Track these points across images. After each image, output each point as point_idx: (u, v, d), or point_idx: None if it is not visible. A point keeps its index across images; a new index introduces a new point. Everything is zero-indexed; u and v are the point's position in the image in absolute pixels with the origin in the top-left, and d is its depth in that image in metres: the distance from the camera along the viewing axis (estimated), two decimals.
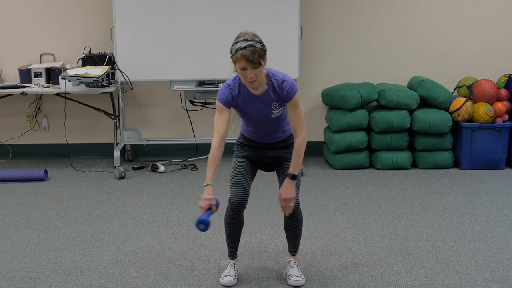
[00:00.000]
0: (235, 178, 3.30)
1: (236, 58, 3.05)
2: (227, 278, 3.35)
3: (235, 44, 3.08)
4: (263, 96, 3.17)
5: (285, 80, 3.16)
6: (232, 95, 3.17)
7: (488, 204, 4.68)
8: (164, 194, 4.97)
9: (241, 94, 3.18)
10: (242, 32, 3.13)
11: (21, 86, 5.48)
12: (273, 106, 3.20)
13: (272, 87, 3.16)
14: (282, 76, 3.17)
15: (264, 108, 3.20)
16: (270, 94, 3.17)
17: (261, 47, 3.05)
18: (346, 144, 5.59)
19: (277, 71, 3.21)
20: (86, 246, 3.90)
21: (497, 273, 3.48)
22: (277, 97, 3.17)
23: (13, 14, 5.89)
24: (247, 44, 3.03)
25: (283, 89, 3.15)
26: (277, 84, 3.15)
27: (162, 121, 6.11)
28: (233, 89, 3.18)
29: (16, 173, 5.36)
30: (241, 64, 3.03)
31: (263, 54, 3.06)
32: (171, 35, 5.49)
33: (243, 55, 3.01)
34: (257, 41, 3.07)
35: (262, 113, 3.22)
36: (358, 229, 4.17)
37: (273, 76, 3.17)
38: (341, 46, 6.02)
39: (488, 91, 5.59)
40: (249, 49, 3.01)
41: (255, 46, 3.03)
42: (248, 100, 3.19)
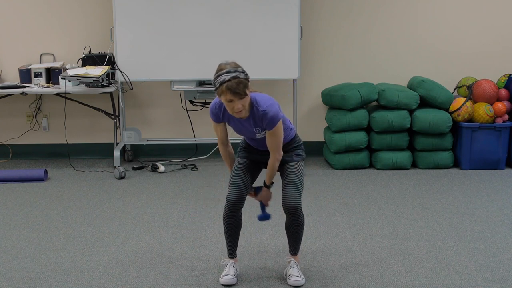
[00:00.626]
0: (233, 177, 3.33)
1: (221, 91, 3.01)
2: (226, 277, 3.35)
3: (218, 77, 3.02)
4: (246, 121, 3.20)
5: (266, 113, 3.11)
6: (218, 114, 3.23)
7: (488, 204, 4.68)
8: (164, 194, 4.97)
9: (226, 114, 3.22)
10: (222, 64, 3.07)
11: (21, 86, 5.48)
12: (255, 130, 3.23)
13: (253, 116, 3.16)
14: (264, 107, 3.12)
15: (249, 128, 3.24)
16: (251, 120, 3.19)
17: (244, 76, 3.03)
18: (346, 144, 5.59)
19: (262, 96, 3.17)
20: (86, 246, 3.90)
21: (497, 273, 3.48)
22: (258, 125, 3.20)
23: (13, 14, 5.89)
24: (231, 76, 2.99)
25: (263, 121, 3.16)
26: (258, 115, 3.14)
27: (162, 121, 6.12)
28: (219, 108, 3.22)
29: (16, 173, 5.36)
30: (227, 97, 3.01)
31: (247, 83, 3.05)
32: (171, 35, 5.49)
33: (228, 87, 2.98)
34: (240, 71, 3.03)
35: (248, 133, 3.28)
36: (358, 229, 4.17)
37: (256, 105, 3.13)
38: (341, 46, 6.02)
39: (488, 91, 5.59)
40: (233, 81, 2.98)
41: (239, 77, 3.00)
42: (233, 120, 3.24)
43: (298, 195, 3.25)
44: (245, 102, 3.05)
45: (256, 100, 3.14)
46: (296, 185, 3.26)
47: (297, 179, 3.28)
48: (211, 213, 4.46)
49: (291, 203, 3.24)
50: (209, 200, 4.79)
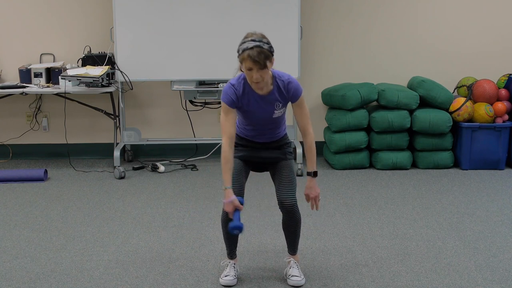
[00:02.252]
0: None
1: (242, 58, 3.05)
2: (227, 278, 3.35)
3: (242, 44, 3.07)
4: (268, 96, 3.18)
5: (291, 81, 3.18)
6: (237, 95, 3.17)
7: (488, 204, 4.68)
8: (164, 194, 4.97)
9: (246, 93, 3.18)
10: (250, 32, 3.11)
11: (21, 86, 5.48)
12: (276, 106, 3.21)
13: (277, 88, 3.18)
14: (287, 77, 3.19)
15: (267, 108, 3.21)
16: (275, 94, 3.18)
17: (268, 48, 3.05)
18: (346, 144, 5.59)
19: (282, 71, 3.23)
20: (86, 246, 3.90)
21: (497, 273, 3.48)
22: (282, 97, 3.19)
23: (13, 14, 5.89)
24: (254, 44, 3.02)
25: (288, 90, 3.17)
26: (283, 85, 3.17)
27: (162, 121, 6.12)
28: (237, 88, 3.17)
29: (16, 173, 5.36)
30: (247, 64, 3.03)
31: (270, 55, 3.06)
32: (171, 35, 5.49)
33: (250, 55, 3.00)
34: (265, 42, 3.06)
35: (264, 113, 3.23)
36: (358, 229, 4.17)
37: (279, 77, 3.18)
38: (341, 46, 6.02)
39: (488, 91, 5.59)
40: (256, 49, 3.01)
41: (262, 47, 3.02)
42: (252, 99, 3.19)
43: (293, 192, 3.26)
44: (264, 74, 3.05)
45: (277, 73, 3.19)
46: (291, 183, 3.27)
47: (291, 177, 3.30)
48: (211, 213, 4.46)
49: (288, 200, 3.24)
50: (209, 200, 4.79)
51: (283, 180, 3.28)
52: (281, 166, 3.33)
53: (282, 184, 3.27)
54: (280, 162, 3.35)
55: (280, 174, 3.31)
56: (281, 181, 3.28)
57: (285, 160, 3.35)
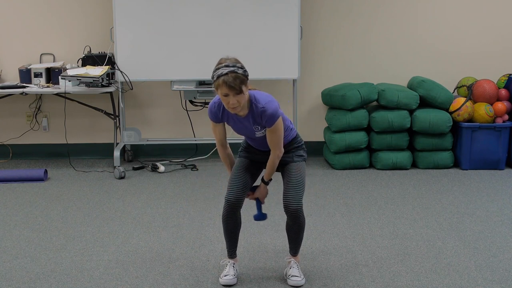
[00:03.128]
0: (232, 177, 3.32)
1: (217, 85, 3.03)
2: (226, 277, 3.35)
3: (217, 70, 3.05)
4: (245, 118, 3.20)
5: (265, 109, 3.12)
6: (218, 113, 3.23)
7: (488, 204, 4.68)
8: (164, 194, 4.97)
9: (226, 112, 3.21)
10: (223, 58, 3.10)
11: (21, 86, 5.48)
12: (255, 129, 3.22)
13: (252, 113, 3.17)
14: (263, 104, 3.13)
15: (248, 128, 3.24)
16: (250, 118, 3.18)
17: (242, 72, 3.04)
18: (346, 144, 5.59)
19: (261, 93, 3.19)
20: (86, 246, 3.90)
21: (497, 273, 3.48)
22: (257, 122, 3.19)
23: (13, 14, 5.89)
24: (229, 70, 3.01)
25: (262, 118, 3.16)
26: (257, 111, 3.15)
27: (162, 121, 6.12)
28: (218, 107, 3.22)
29: (16, 173, 5.36)
30: (222, 90, 3.02)
31: (245, 80, 3.04)
32: (171, 35, 5.49)
33: (225, 81, 2.99)
34: (239, 67, 3.04)
35: (247, 131, 3.27)
36: (358, 229, 4.17)
37: (256, 101, 3.14)
38: (341, 46, 6.02)
39: (488, 91, 5.59)
40: (230, 75, 2.99)
41: (236, 72, 3.01)
42: (232, 119, 3.23)
43: (299, 196, 3.25)
44: (240, 99, 3.04)
45: (255, 97, 3.15)
46: (297, 186, 3.26)
47: (299, 180, 3.28)
48: (211, 213, 4.46)
49: (293, 205, 3.23)
50: (209, 200, 4.79)
51: (290, 183, 3.27)
52: (289, 168, 3.33)
53: (288, 187, 3.27)
54: (289, 164, 3.34)
55: (288, 177, 3.31)
56: (288, 184, 3.28)
57: (293, 162, 3.34)
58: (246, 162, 3.38)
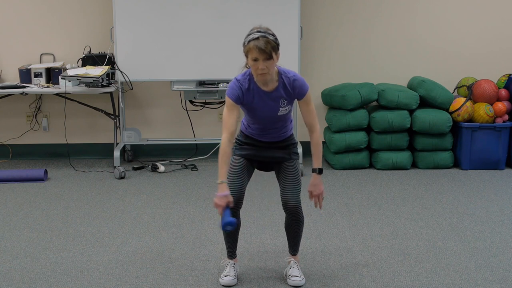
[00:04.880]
0: (230, 177, 3.26)
1: (248, 49, 3.05)
2: (227, 278, 3.35)
3: (248, 36, 3.08)
4: (273, 92, 3.18)
5: (296, 78, 3.19)
6: (242, 90, 3.16)
7: (488, 204, 4.68)
8: (164, 194, 4.97)
9: (251, 89, 3.17)
10: (255, 26, 3.14)
11: (21, 86, 5.48)
12: (281, 103, 3.20)
13: (283, 84, 3.18)
14: (293, 74, 3.20)
15: (272, 105, 3.20)
16: (280, 91, 3.18)
17: (274, 39, 3.09)
18: (346, 144, 5.59)
19: (288, 69, 3.24)
20: (86, 246, 3.90)
21: (497, 273, 3.48)
22: (287, 94, 3.19)
23: (13, 14, 5.89)
24: (260, 35, 3.05)
25: (294, 87, 3.17)
26: (288, 81, 3.18)
27: (162, 121, 6.11)
28: (243, 84, 3.17)
29: (16, 173, 5.36)
30: (253, 54, 3.04)
31: (276, 47, 3.08)
32: (171, 35, 5.49)
33: (256, 45, 3.02)
34: (271, 33, 3.10)
35: (269, 110, 3.22)
36: (358, 229, 4.17)
37: (284, 73, 3.19)
38: (341, 46, 6.02)
39: (488, 91, 5.59)
40: (262, 39, 3.03)
41: (268, 37, 3.05)
42: (257, 95, 3.18)
43: (297, 193, 3.25)
44: (270, 65, 3.06)
45: (283, 70, 3.20)
46: (295, 183, 3.26)
47: (296, 177, 3.28)
48: (211, 213, 4.46)
49: (291, 202, 3.23)
50: (209, 200, 4.78)
51: (288, 180, 3.27)
52: (286, 166, 3.32)
53: (286, 184, 3.26)
54: (285, 162, 3.34)
55: (284, 175, 3.30)
56: (285, 182, 3.27)
57: (290, 160, 3.34)
58: (243, 161, 3.34)
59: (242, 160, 3.34)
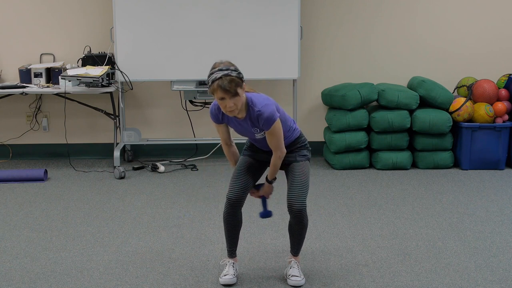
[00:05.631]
0: (234, 176, 3.34)
1: (213, 89, 3.05)
2: (226, 277, 3.35)
3: (211, 75, 3.07)
4: (243, 121, 3.21)
5: (262, 113, 3.12)
6: (218, 115, 3.25)
7: (488, 204, 4.68)
8: (164, 194, 4.97)
9: (225, 114, 3.20)
10: (217, 62, 3.11)
11: (21, 86, 5.48)
12: (254, 131, 3.23)
13: (249, 116, 3.17)
14: (259, 108, 3.13)
15: (248, 130, 3.25)
16: (248, 121, 3.19)
17: (237, 75, 3.04)
18: (346, 144, 5.59)
19: (258, 96, 3.18)
20: (86, 246, 3.90)
21: (497, 273, 3.48)
22: (255, 125, 3.20)
23: (13, 14, 5.89)
24: (223, 74, 3.02)
25: (259, 122, 3.16)
26: (254, 115, 3.15)
27: (162, 121, 6.12)
28: (218, 109, 3.23)
29: (16, 173, 5.36)
30: (218, 94, 3.04)
31: (240, 82, 3.05)
32: (171, 35, 5.49)
33: (219, 85, 3.01)
34: (232, 69, 3.05)
35: (248, 133, 3.28)
36: (358, 229, 4.17)
37: (252, 104, 3.15)
38: (341, 46, 6.02)
39: (488, 91, 5.60)
40: (224, 78, 3.01)
41: (230, 75, 3.02)
42: (232, 121, 3.25)
43: (303, 196, 3.24)
44: (237, 101, 3.05)
45: (252, 100, 3.15)
46: (301, 186, 3.25)
47: (303, 179, 3.27)
48: (211, 213, 4.46)
49: (296, 205, 3.23)
50: (209, 200, 4.79)
51: (294, 183, 3.27)
52: (293, 168, 3.32)
53: (292, 187, 3.27)
54: (292, 164, 3.34)
55: (292, 177, 3.31)
56: (292, 184, 3.28)
57: (297, 162, 3.34)
58: (249, 160, 3.38)
59: (248, 160, 3.38)
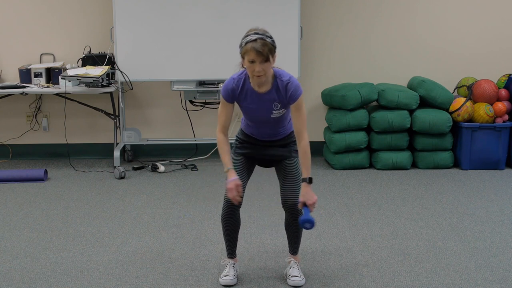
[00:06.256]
0: None
1: (245, 50, 3.04)
2: (226, 277, 3.35)
3: (246, 37, 3.07)
4: (266, 94, 3.17)
5: (290, 82, 3.16)
6: (234, 89, 3.18)
7: (488, 204, 4.68)
8: (164, 194, 4.97)
9: (244, 89, 3.18)
10: (252, 28, 3.12)
11: (21, 86, 5.48)
12: (274, 106, 3.20)
13: (276, 87, 3.16)
14: (288, 78, 3.17)
15: (265, 107, 3.20)
16: (273, 93, 3.17)
17: (271, 42, 3.07)
18: (346, 144, 5.59)
19: (284, 71, 3.22)
20: (86, 246, 3.90)
21: (497, 273, 3.48)
22: (280, 97, 3.17)
23: (13, 14, 5.89)
24: (258, 37, 3.03)
25: (287, 91, 3.15)
26: (282, 84, 3.15)
27: (162, 121, 6.12)
28: (237, 83, 3.18)
29: (16, 173, 5.36)
30: (250, 56, 3.03)
31: (273, 49, 3.07)
32: (171, 35, 5.49)
33: (253, 47, 3.01)
34: (268, 36, 3.08)
35: (262, 111, 3.22)
36: (358, 229, 4.17)
37: (279, 76, 3.17)
38: (341, 46, 6.02)
39: (488, 91, 5.60)
40: (259, 41, 3.02)
41: (265, 40, 3.04)
42: (250, 96, 3.19)
43: (297, 191, 3.24)
44: (266, 67, 3.05)
45: (278, 72, 3.18)
46: (295, 181, 3.26)
47: (297, 175, 3.28)
48: (211, 213, 4.46)
49: (291, 199, 3.23)
50: (209, 200, 4.79)
51: (288, 178, 3.27)
52: (286, 164, 3.32)
53: (286, 182, 3.27)
54: (285, 160, 3.34)
55: (285, 172, 3.30)
56: (285, 180, 3.28)
57: (291, 158, 3.34)
58: (243, 159, 3.36)
59: (242, 159, 3.35)
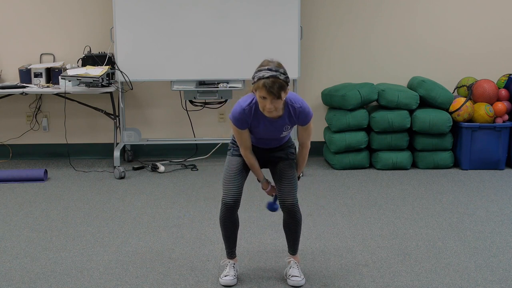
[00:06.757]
0: (227, 178, 3.30)
1: (257, 87, 3.04)
2: (226, 278, 3.35)
3: (258, 72, 3.06)
4: (278, 120, 3.20)
5: (302, 108, 3.19)
6: (248, 118, 3.19)
7: (488, 204, 4.68)
8: (164, 194, 4.97)
9: (256, 116, 3.19)
10: (266, 60, 3.11)
11: (21, 86, 5.48)
12: (284, 129, 3.25)
13: (288, 113, 3.19)
14: (299, 104, 3.19)
15: (276, 129, 3.25)
16: (285, 118, 3.21)
17: (284, 79, 3.04)
18: (346, 144, 5.59)
19: (295, 95, 3.24)
20: (86, 246, 3.90)
21: (497, 273, 3.48)
22: (291, 121, 3.23)
23: (13, 14, 5.89)
24: (271, 74, 3.01)
25: (299, 117, 3.20)
26: (293, 111, 3.19)
27: (162, 121, 6.12)
28: (248, 112, 3.17)
29: (16, 173, 5.36)
30: (261, 93, 3.03)
31: (285, 86, 3.05)
32: (171, 35, 5.49)
33: (265, 85, 3.00)
34: (281, 72, 3.05)
35: (273, 133, 3.27)
36: (358, 229, 4.17)
37: (291, 102, 3.18)
38: (341, 46, 6.02)
39: (488, 91, 5.60)
40: (271, 80, 3.00)
41: (278, 77, 3.01)
42: (262, 122, 3.22)
43: (294, 191, 3.27)
44: (277, 104, 3.05)
45: (289, 98, 3.18)
46: (292, 182, 3.28)
47: (293, 176, 3.31)
48: (211, 213, 4.46)
49: (289, 200, 3.24)
50: (209, 200, 4.79)
51: (285, 179, 3.28)
52: (283, 165, 3.34)
53: (283, 183, 3.28)
54: (281, 162, 3.36)
55: (281, 173, 3.32)
56: (282, 181, 3.29)
57: (287, 160, 3.36)
58: (240, 161, 3.36)
59: (238, 160, 3.36)
